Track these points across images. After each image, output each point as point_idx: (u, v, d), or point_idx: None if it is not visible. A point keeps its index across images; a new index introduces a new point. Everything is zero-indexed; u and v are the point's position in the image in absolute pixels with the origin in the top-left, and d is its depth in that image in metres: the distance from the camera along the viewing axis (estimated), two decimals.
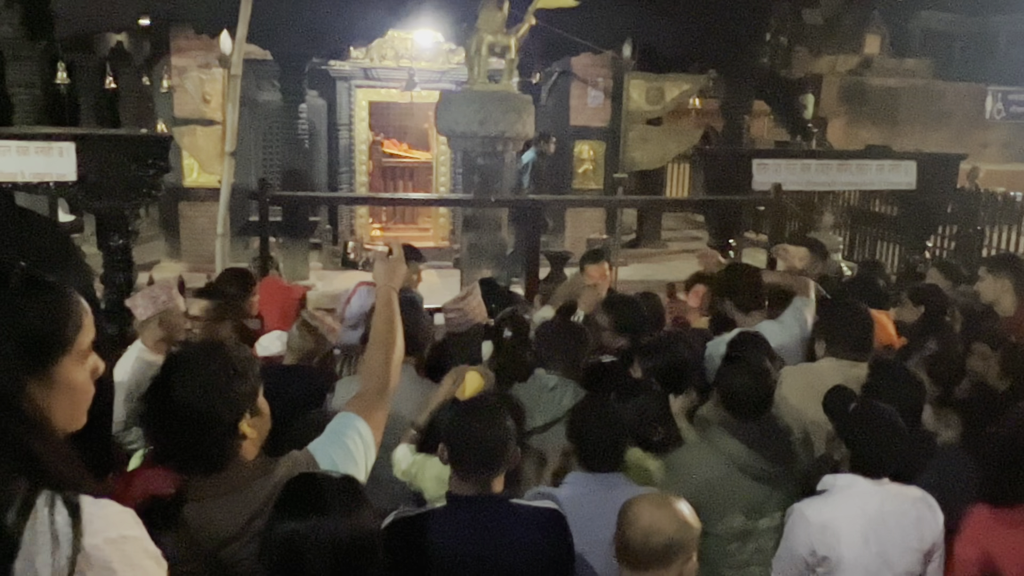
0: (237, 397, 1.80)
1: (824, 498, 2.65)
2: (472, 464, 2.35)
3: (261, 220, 6.35)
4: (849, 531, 2.56)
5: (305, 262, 10.70)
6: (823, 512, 2.60)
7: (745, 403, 2.98)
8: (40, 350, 1.24)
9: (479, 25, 7.89)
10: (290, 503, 1.74)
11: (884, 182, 8.31)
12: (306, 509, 1.72)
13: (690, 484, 2.78)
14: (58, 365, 1.26)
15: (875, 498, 2.61)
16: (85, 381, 1.33)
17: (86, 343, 1.32)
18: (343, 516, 1.72)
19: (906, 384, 3.13)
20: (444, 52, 11.75)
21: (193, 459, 1.83)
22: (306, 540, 1.68)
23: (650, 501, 2.25)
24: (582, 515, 2.46)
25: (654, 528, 2.14)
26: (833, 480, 2.67)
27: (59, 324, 1.28)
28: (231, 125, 5.80)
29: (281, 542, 1.70)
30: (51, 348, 1.26)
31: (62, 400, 1.27)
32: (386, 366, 2.18)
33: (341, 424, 2.03)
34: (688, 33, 10.28)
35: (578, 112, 12.37)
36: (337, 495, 1.75)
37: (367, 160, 12.54)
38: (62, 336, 1.28)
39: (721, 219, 8.46)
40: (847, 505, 2.59)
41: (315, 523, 1.69)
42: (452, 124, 7.97)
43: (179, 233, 11.36)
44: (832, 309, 3.89)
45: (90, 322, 1.33)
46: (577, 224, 12.38)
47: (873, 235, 11.38)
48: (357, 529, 1.73)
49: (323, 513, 1.71)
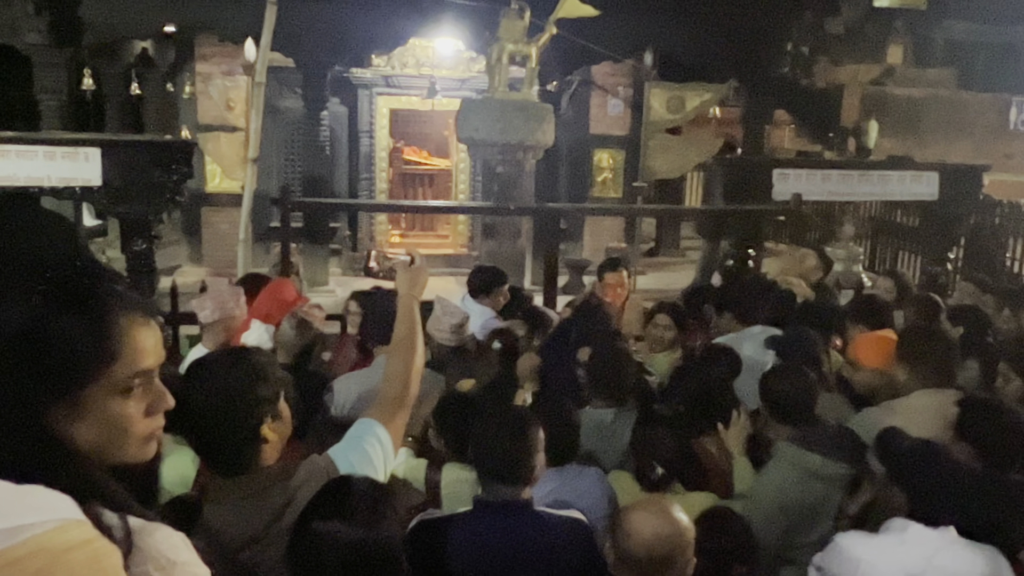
0: (259, 401, 1.82)
1: (868, 534, 2.37)
2: (497, 475, 2.36)
3: (282, 226, 6.39)
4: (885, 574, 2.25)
5: (325, 268, 10.76)
6: (857, 547, 2.29)
7: (794, 408, 2.95)
8: (61, 376, 1.10)
9: (500, 34, 7.93)
10: (319, 504, 1.77)
11: (906, 193, 8.24)
12: (332, 512, 1.74)
13: (777, 506, 2.76)
14: (86, 393, 1.12)
15: (927, 548, 2.22)
16: (128, 415, 1.17)
17: (127, 374, 1.16)
18: (366, 522, 1.74)
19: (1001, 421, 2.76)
20: (465, 60, 11.81)
21: (215, 462, 1.85)
22: (328, 542, 1.70)
23: (646, 510, 2.22)
24: None
25: (657, 536, 2.12)
26: (889, 522, 2.35)
27: (84, 352, 1.12)
28: (254, 132, 5.85)
29: (305, 542, 1.72)
30: (77, 374, 1.12)
31: (92, 430, 1.13)
32: (407, 373, 2.20)
33: (361, 430, 2.04)
34: (709, 42, 10.28)
35: (598, 121, 12.39)
36: (364, 501, 1.77)
37: (387, 167, 12.61)
38: (91, 362, 1.13)
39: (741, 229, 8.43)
40: (890, 548, 2.26)
41: (338, 526, 1.71)
42: (472, 132, 8.01)
43: (201, 238, 11.47)
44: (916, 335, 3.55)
45: (140, 352, 1.18)
46: (596, 232, 12.38)
47: (894, 246, 11.30)
48: (379, 537, 1.75)
49: (347, 517, 1.73)
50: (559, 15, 7.88)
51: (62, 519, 0.77)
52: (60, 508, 0.79)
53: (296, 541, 1.74)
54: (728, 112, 14.64)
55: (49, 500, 0.79)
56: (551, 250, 6.79)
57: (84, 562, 0.77)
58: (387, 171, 12.62)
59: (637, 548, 2.13)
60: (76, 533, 0.78)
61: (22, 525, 0.73)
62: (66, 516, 0.78)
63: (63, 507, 0.79)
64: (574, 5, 7.83)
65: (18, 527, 0.73)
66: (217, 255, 10.94)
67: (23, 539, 0.73)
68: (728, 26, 10.26)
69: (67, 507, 0.79)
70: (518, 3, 7.95)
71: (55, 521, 0.76)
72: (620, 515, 2.24)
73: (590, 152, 12.39)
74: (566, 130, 11.69)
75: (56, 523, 0.76)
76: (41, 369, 1.09)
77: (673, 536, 2.15)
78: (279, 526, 1.79)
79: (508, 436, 2.35)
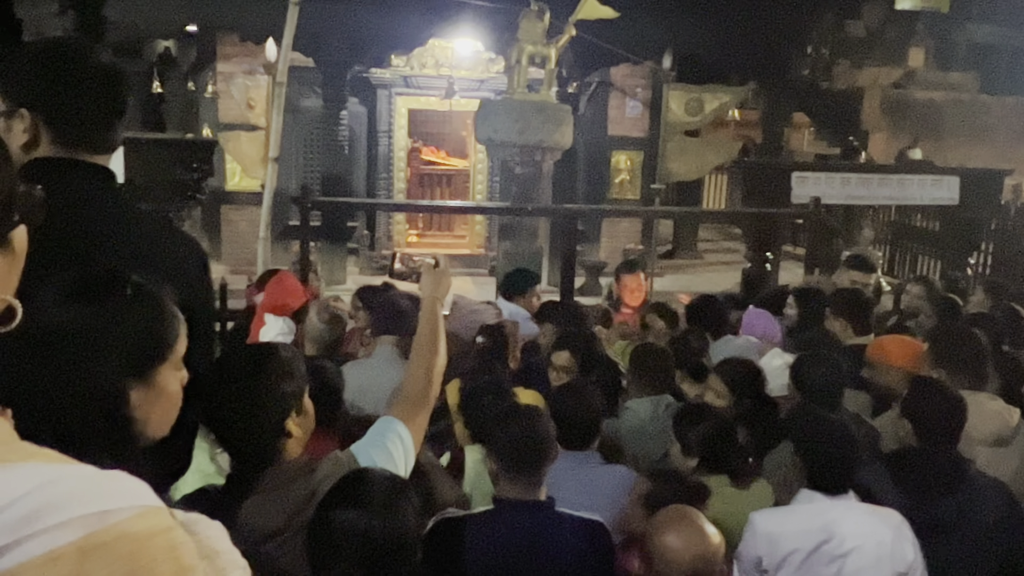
0: (284, 396, 1.85)
1: (779, 509, 2.60)
2: (522, 463, 2.38)
3: (303, 225, 6.44)
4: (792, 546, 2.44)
5: (343, 267, 10.82)
6: (769, 523, 2.50)
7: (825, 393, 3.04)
8: (145, 356, 1.27)
9: (520, 35, 7.95)
10: (338, 494, 1.80)
11: (926, 197, 8.21)
12: (350, 501, 1.78)
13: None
14: (158, 372, 1.29)
15: (831, 515, 2.46)
16: (178, 390, 1.35)
17: (181, 351, 1.34)
18: (383, 513, 1.77)
19: None
20: (484, 61, 11.83)
21: (239, 455, 1.89)
22: (343, 530, 1.75)
23: (680, 524, 2.23)
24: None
25: (695, 556, 2.16)
26: (798, 494, 2.57)
27: (162, 331, 1.31)
28: (275, 131, 5.89)
29: (322, 530, 1.76)
30: (154, 355, 1.29)
31: (158, 407, 1.29)
32: (428, 374, 2.22)
33: (383, 427, 2.07)
34: (728, 44, 10.26)
35: (616, 122, 12.38)
36: (382, 493, 1.81)
37: (405, 167, 12.66)
38: (164, 343, 1.30)
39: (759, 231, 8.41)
40: (798, 519, 2.49)
41: (353, 515, 1.75)
42: (491, 133, 8.03)
43: (221, 236, 11.54)
44: (949, 337, 3.57)
45: (184, 331, 1.36)
46: (613, 234, 12.38)
47: (914, 251, 11.23)
48: (394, 528, 1.78)
49: (364, 508, 1.77)
50: (579, 16, 7.88)
51: (144, 505, 0.78)
52: (142, 494, 0.80)
53: (314, 530, 1.78)
54: (747, 115, 14.60)
55: (131, 486, 0.80)
56: (568, 251, 6.81)
57: (165, 549, 0.78)
58: (405, 171, 12.67)
59: (673, 568, 2.16)
60: (157, 520, 0.79)
61: (109, 510, 0.75)
62: (147, 503, 0.79)
63: (144, 493, 0.80)
64: (593, 7, 7.83)
65: (106, 511, 0.75)
66: (236, 253, 11.02)
67: (110, 524, 0.75)
68: (748, 28, 10.24)
69: (147, 494, 0.81)
70: (538, 4, 7.96)
71: (138, 507, 0.78)
72: (654, 532, 2.25)
73: (608, 154, 12.38)
74: (584, 132, 11.69)
75: (139, 509, 0.77)
76: (127, 351, 1.24)
77: (707, 554, 2.17)
78: (301, 519, 1.82)
79: (526, 426, 2.39)
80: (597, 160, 12.33)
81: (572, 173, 12.14)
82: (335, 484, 1.83)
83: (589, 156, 12.40)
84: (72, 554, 0.71)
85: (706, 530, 2.21)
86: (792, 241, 13.03)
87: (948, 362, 3.33)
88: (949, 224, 8.92)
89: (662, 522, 2.27)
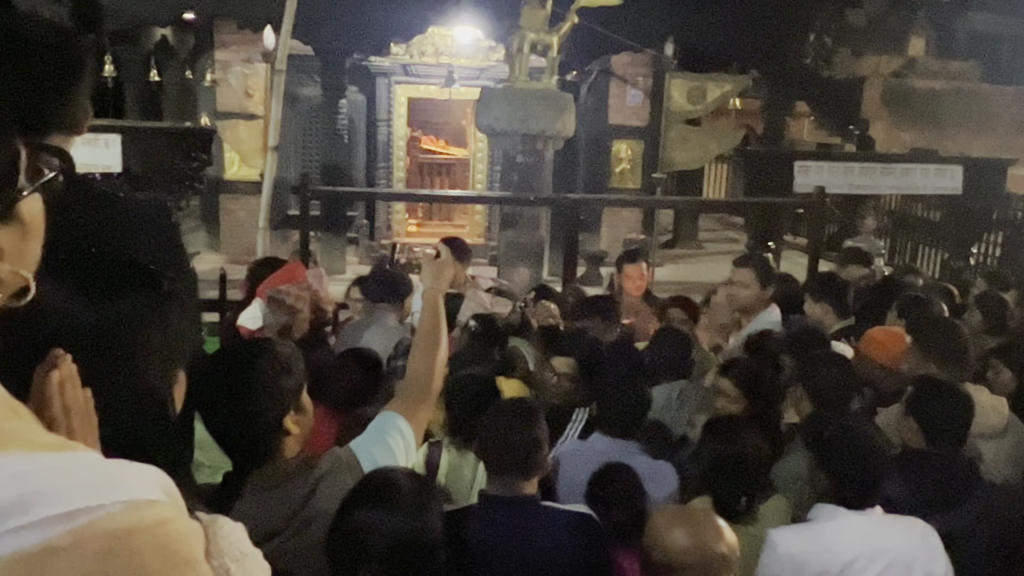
0: (282, 393, 1.81)
1: (800, 527, 2.42)
2: (503, 466, 2.35)
3: (302, 214, 6.40)
4: (819, 567, 2.28)
5: (342, 256, 10.78)
6: (790, 543, 2.32)
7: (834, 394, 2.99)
8: (181, 353, 1.26)
9: (521, 23, 7.88)
10: (363, 494, 1.78)
11: (930, 186, 8.16)
12: (376, 502, 1.75)
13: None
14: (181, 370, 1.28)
15: (857, 532, 2.30)
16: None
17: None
18: (409, 514, 1.76)
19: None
20: (484, 49, 11.75)
21: (237, 453, 1.84)
22: (371, 532, 1.72)
23: (685, 521, 2.10)
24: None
25: (705, 545, 2.02)
26: (819, 510, 2.40)
27: (187, 329, 1.29)
28: (274, 120, 5.84)
29: (346, 531, 1.73)
30: (185, 352, 1.27)
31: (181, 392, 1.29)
32: (430, 367, 2.19)
33: (384, 423, 2.04)
34: (730, 33, 10.20)
35: (617, 111, 12.31)
36: (409, 493, 1.78)
37: (405, 156, 12.61)
38: (188, 340, 1.30)
39: (760, 221, 8.38)
40: (821, 538, 2.32)
41: (382, 516, 1.73)
42: (492, 121, 7.97)
43: (219, 225, 11.50)
44: (933, 328, 3.51)
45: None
46: (614, 224, 12.33)
47: (915, 240, 11.18)
48: (421, 528, 1.77)
49: (391, 508, 1.74)
50: (580, 4, 7.82)
51: (129, 500, 0.72)
52: (132, 486, 0.74)
53: (337, 531, 1.74)
54: (748, 104, 14.54)
55: (121, 477, 0.74)
56: (570, 241, 6.77)
57: (151, 545, 0.72)
58: (405, 160, 12.62)
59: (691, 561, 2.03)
60: (145, 514, 0.72)
61: (78, 509, 0.69)
62: (134, 496, 0.72)
63: (136, 485, 0.74)
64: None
65: (74, 511, 0.69)
66: (235, 242, 10.97)
67: (81, 524, 0.69)
68: (749, 17, 10.17)
69: (140, 485, 0.74)
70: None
71: (122, 502, 0.71)
72: (658, 532, 2.11)
73: (609, 143, 12.32)
74: (585, 120, 11.63)
75: (123, 505, 0.71)
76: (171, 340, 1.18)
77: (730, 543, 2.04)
78: (301, 518, 1.79)
79: (517, 429, 2.35)
80: (598, 149, 12.27)
81: (572, 162, 12.09)
82: (358, 484, 1.81)
83: (589, 145, 12.33)
84: (32, 558, 0.66)
85: (714, 522, 2.09)
86: (792, 231, 12.99)
87: (935, 355, 3.27)
88: (951, 214, 8.87)
89: (663, 522, 2.18)
